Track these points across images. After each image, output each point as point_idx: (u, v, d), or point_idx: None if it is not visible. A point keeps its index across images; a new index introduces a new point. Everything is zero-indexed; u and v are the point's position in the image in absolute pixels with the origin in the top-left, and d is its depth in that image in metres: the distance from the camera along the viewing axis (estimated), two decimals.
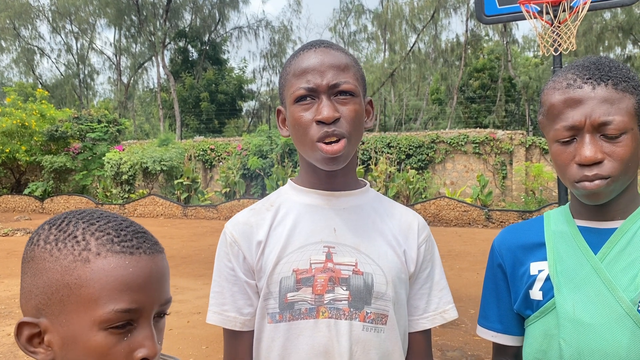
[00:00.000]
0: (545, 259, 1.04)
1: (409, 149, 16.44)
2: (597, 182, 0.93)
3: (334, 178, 1.12)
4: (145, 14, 30.64)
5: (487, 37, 32.21)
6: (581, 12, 4.73)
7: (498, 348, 1.14)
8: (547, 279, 1.02)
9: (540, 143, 15.24)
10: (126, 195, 15.83)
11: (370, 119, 1.13)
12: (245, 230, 1.11)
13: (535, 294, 1.03)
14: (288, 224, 1.10)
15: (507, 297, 1.10)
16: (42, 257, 0.69)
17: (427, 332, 1.16)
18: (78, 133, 17.16)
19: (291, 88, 1.07)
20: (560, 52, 4.80)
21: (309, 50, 1.08)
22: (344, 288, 1.06)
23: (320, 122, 1.03)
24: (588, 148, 0.93)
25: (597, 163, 0.93)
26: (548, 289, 1.01)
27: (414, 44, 29.62)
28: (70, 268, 0.67)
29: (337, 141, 1.03)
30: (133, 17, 31.29)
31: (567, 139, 0.96)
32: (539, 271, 1.04)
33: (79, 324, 0.67)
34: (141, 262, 0.69)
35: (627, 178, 0.96)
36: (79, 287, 0.67)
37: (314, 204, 1.12)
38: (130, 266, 0.68)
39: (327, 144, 1.03)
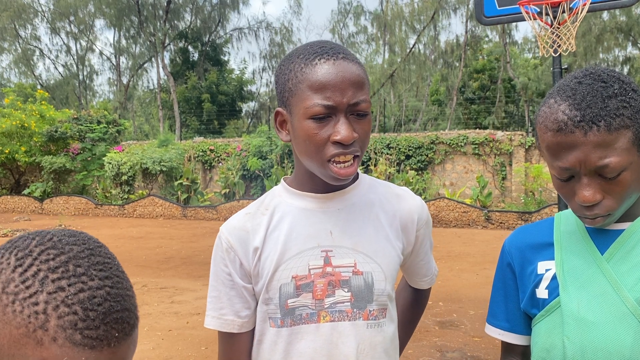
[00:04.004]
0: (552, 259, 1.05)
1: (409, 150, 16.44)
2: (597, 219, 0.95)
3: (332, 184, 1.11)
4: (145, 14, 30.64)
5: (487, 38, 32.24)
6: (580, 13, 4.74)
7: (506, 347, 1.16)
8: (554, 277, 1.03)
9: None
10: (126, 196, 15.83)
11: None
12: (241, 235, 1.10)
13: (542, 292, 1.04)
14: (284, 229, 1.09)
15: (515, 297, 1.11)
16: None
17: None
18: (77, 134, 17.15)
19: (306, 101, 1.01)
20: (560, 53, 4.80)
21: (327, 61, 1.01)
22: (346, 290, 1.07)
23: (337, 143, 1.00)
24: (586, 190, 0.92)
25: (597, 202, 0.93)
26: (554, 287, 1.02)
27: (413, 45, 29.62)
28: (20, 343, 0.57)
29: (350, 163, 1.02)
30: (133, 18, 31.29)
31: (565, 179, 0.95)
32: (546, 270, 1.05)
33: None
34: (100, 357, 0.59)
35: (630, 202, 0.96)
36: None
37: (308, 208, 1.11)
38: None
39: (338, 163, 1.02)
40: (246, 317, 1.11)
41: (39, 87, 31.77)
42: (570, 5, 4.79)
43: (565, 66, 5.32)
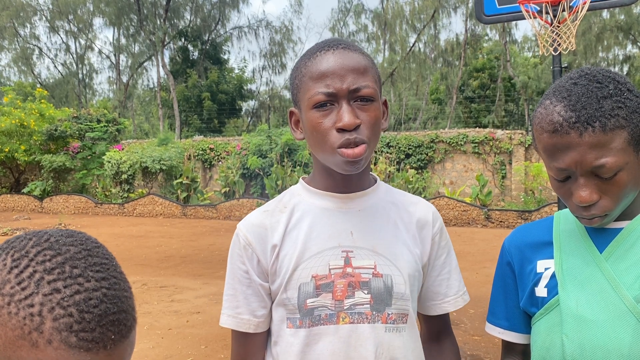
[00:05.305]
0: (552, 257, 1.05)
1: (409, 149, 16.45)
2: (595, 219, 0.95)
3: (349, 181, 1.10)
4: (145, 12, 30.61)
5: (486, 37, 32.22)
6: (580, 11, 4.73)
7: (506, 345, 1.16)
8: (553, 276, 1.03)
9: None
10: (125, 195, 15.83)
11: (385, 120, 1.11)
12: (259, 232, 1.09)
13: (541, 291, 1.04)
14: (304, 228, 1.09)
15: (515, 295, 1.12)
16: None
17: (447, 314, 1.22)
18: (77, 132, 17.14)
19: (308, 92, 1.03)
20: (560, 51, 4.80)
21: (327, 52, 1.03)
22: (365, 292, 1.06)
23: (341, 130, 1.00)
24: (582, 191, 0.92)
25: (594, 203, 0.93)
26: (553, 286, 1.02)
27: (413, 44, 29.62)
28: (15, 345, 0.57)
29: (357, 146, 1.01)
30: (132, 16, 31.26)
31: (562, 179, 0.95)
32: (545, 269, 1.05)
33: None
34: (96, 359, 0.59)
35: (627, 201, 0.96)
36: None
37: (329, 208, 1.10)
38: None
39: (347, 148, 1.01)
40: (262, 317, 1.10)
41: (38, 85, 31.76)
42: (570, 4, 4.79)
43: (565, 65, 5.31)
